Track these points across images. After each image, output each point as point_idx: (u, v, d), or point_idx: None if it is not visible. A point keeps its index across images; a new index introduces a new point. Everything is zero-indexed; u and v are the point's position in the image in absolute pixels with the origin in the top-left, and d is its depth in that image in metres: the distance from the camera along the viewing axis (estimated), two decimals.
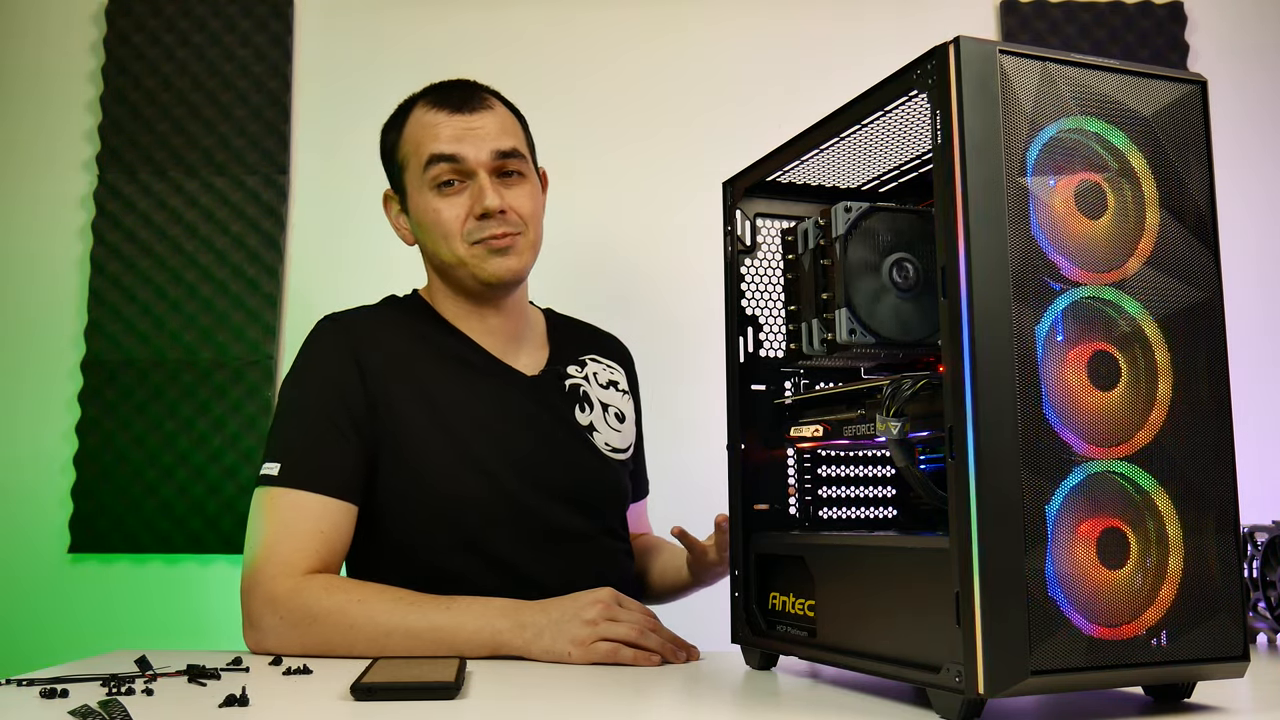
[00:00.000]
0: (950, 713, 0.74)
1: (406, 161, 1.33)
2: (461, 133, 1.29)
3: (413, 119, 1.33)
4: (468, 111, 1.30)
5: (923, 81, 0.78)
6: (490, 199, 1.27)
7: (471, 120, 1.30)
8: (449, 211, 1.29)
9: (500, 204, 1.28)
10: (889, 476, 1.10)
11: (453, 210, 1.29)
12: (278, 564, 1.13)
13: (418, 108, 1.33)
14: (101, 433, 1.95)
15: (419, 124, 1.31)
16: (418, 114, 1.32)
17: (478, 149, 1.28)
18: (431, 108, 1.31)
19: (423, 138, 1.30)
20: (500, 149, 1.30)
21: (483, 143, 1.29)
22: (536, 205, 1.34)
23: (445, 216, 1.29)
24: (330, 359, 1.26)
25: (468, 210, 1.29)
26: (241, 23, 2.06)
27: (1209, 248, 0.81)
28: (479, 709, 0.82)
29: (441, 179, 1.29)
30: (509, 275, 1.30)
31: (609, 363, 1.46)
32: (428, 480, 1.24)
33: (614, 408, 1.41)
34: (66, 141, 2.05)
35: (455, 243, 1.29)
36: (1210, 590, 0.77)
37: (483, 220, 1.28)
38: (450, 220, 1.29)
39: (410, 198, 1.33)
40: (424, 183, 1.30)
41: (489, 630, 1.08)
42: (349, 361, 1.25)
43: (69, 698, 0.84)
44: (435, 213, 1.29)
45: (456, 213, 1.29)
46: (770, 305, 1.08)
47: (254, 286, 2.00)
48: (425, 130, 1.30)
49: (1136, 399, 0.77)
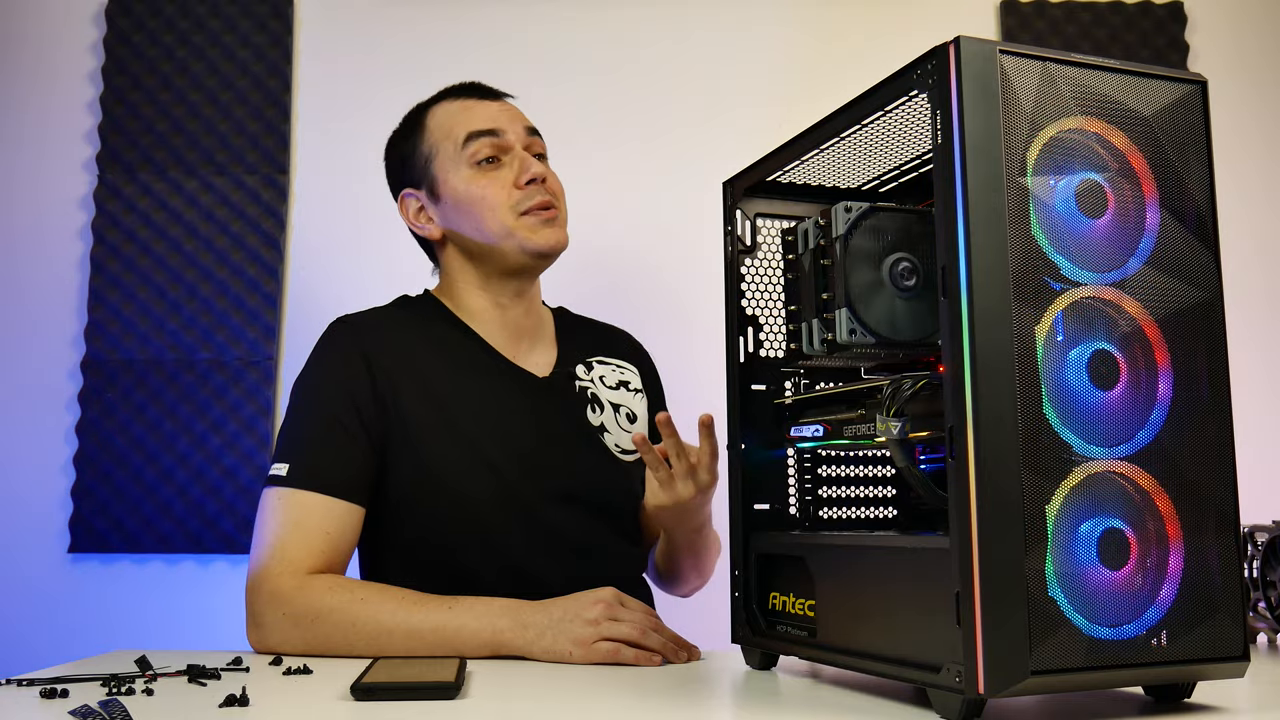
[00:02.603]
0: (950, 713, 0.74)
1: (435, 150, 1.36)
2: (496, 113, 1.36)
3: (436, 114, 1.38)
4: (496, 99, 1.39)
5: (923, 81, 0.78)
6: (535, 166, 1.33)
7: (502, 104, 1.39)
8: (493, 185, 1.33)
9: (544, 171, 1.34)
10: (889, 476, 1.10)
11: (497, 184, 1.33)
12: (284, 563, 1.14)
13: (438, 105, 1.39)
14: (101, 433, 1.95)
15: (447, 113, 1.37)
16: (442, 108, 1.38)
17: (514, 126, 1.36)
18: (458, 99, 1.38)
19: (454, 123, 1.35)
20: (530, 126, 1.38)
21: (516, 120, 1.37)
22: (562, 189, 1.40)
23: (491, 190, 1.32)
24: (340, 360, 1.27)
25: (512, 182, 1.33)
26: (241, 23, 2.06)
27: (1209, 248, 0.81)
28: (479, 709, 0.82)
29: (482, 155, 1.33)
30: (558, 244, 1.35)
31: (619, 363, 1.46)
32: (437, 480, 1.24)
33: (625, 408, 1.41)
34: (66, 141, 2.05)
35: (504, 213, 1.32)
36: (1210, 590, 0.76)
37: (529, 187, 1.32)
38: (497, 193, 1.32)
39: (445, 183, 1.35)
40: (462, 162, 1.34)
41: (490, 630, 1.08)
42: (359, 363, 1.26)
43: (69, 698, 0.84)
44: (481, 188, 1.33)
45: (500, 186, 1.33)
46: (770, 305, 1.08)
47: (254, 286, 2.00)
48: (456, 116, 1.36)
49: (1136, 399, 0.77)
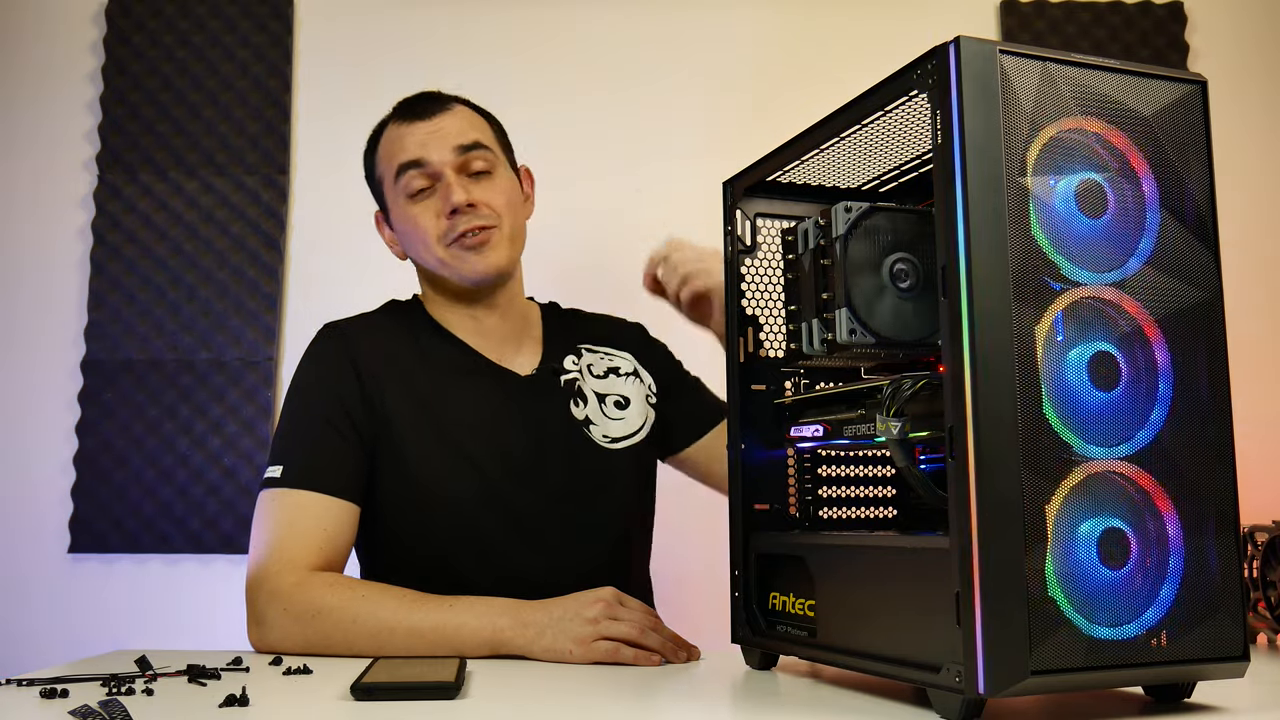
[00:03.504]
0: (950, 713, 0.74)
1: (383, 178, 1.36)
2: (424, 138, 1.32)
3: (384, 138, 1.37)
4: (428, 117, 1.33)
5: (923, 81, 0.78)
6: (456, 194, 1.29)
7: (433, 124, 1.33)
8: (423, 217, 1.31)
9: (467, 198, 1.29)
10: (889, 476, 1.10)
11: (427, 215, 1.31)
12: (283, 561, 1.14)
13: (388, 127, 1.37)
14: (101, 433, 1.95)
15: (388, 140, 1.36)
16: (388, 132, 1.36)
17: (440, 150, 1.31)
18: (396, 122, 1.35)
19: (392, 151, 1.34)
20: (462, 144, 1.32)
21: (444, 142, 1.32)
22: (511, 199, 1.35)
23: (421, 223, 1.31)
24: (329, 365, 1.28)
25: (439, 212, 1.31)
26: (241, 23, 2.06)
27: (1209, 248, 0.81)
28: (479, 709, 0.82)
29: (413, 187, 1.31)
30: (490, 271, 1.32)
31: (608, 350, 1.45)
32: (424, 482, 1.25)
33: (613, 395, 1.40)
34: (66, 141, 2.05)
35: (434, 246, 1.31)
36: (1210, 590, 0.76)
37: (453, 217, 1.30)
38: (426, 225, 1.31)
39: (391, 213, 1.37)
40: (399, 195, 1.33)
41: (490, 628, 1.08)
42: (347, 367, 1.27)
43: (69, 698, 0.84)
44: (412, 221, 1.32)
45: (430, 217, 1.31)
46: (770, 305, 1.08)
47: (254, 287, 2.00)
48: (393, 144, 1.34)
49: (1136, 399, 0.77)
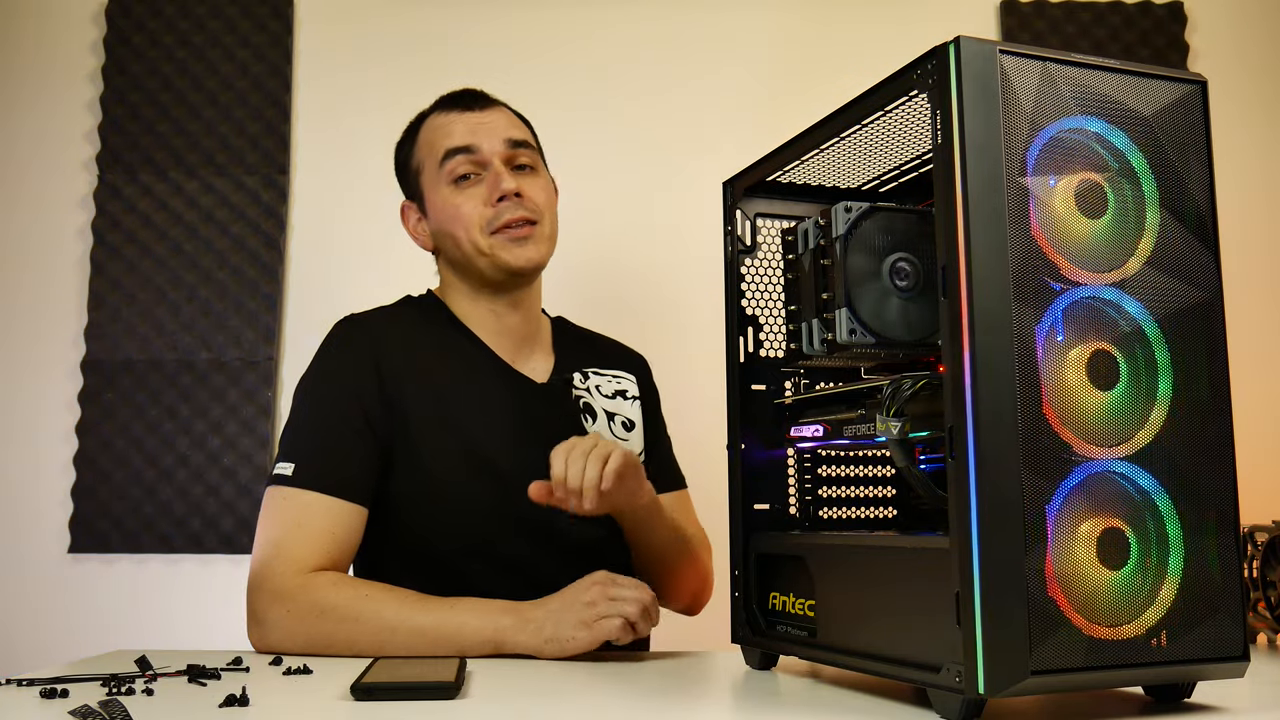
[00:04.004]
0: (950, 713, 0.74)
1: (422, 165, 1.37)
2: (474, 127, 1.34)
3: (425, 126, 1.38)
4: (478, 109, 1.36)
5: (923, 81, 0.78)
6: (506, 181, 1.31)
7: (483, 116, 1.36)
8: (468, 204, 1.32)
9: (516, 187, 1.32)
10: (889, 476, 1.10)
11: (471, 202, 1.32)
12: (287, 561, 1.14)
13: (430, 117, 1.39)
14: (101, 433, 1.95)
15: (431, 128, 1.37)
16: (430, 121, 1.38)
17: (491, 140, 1.34)
18: (443, 111, 1.37)
19: (436, 138, 1.35)
20: (512, 138, 1.35)
21: (495, 134, 1.34)
22: (550, 198, 1.39)
23: (465, 209, 1.32)
24: (347, 360, 1.27)
25: (485, 200, 1.32)
26: (241, 23, 2.06)
27: (1209, 248, 0.81)
28: (479, 709, 0.82)
29: (458, 172, 1.33)
30: (529, 263, 1.33)
31: (614, 373, 1.46)
32: (439, 482, 1.24)
33: (621, 416, 1.41)
34: (66, 141, 2.05)
35: (476, 233, 1.32)
36: (1210, 590, 0.76)
37: (500, 204, 1.31)
38: (470, 211, 1.32)
39: (429, 199, 1.36)
40: (441, 179, 1.34)
41: (492, 627, 1.08)
42: (366, 362, 1.26)
43: (69, 698, 0.83)
44: (455, 206, 1.32)
45: (475, 204, 1.32)
46: (770, 305, 1.08)
47: (254, 287, 2.00)
48: (438, 131, 1.36)
49: (1136, 399, 0.77)
